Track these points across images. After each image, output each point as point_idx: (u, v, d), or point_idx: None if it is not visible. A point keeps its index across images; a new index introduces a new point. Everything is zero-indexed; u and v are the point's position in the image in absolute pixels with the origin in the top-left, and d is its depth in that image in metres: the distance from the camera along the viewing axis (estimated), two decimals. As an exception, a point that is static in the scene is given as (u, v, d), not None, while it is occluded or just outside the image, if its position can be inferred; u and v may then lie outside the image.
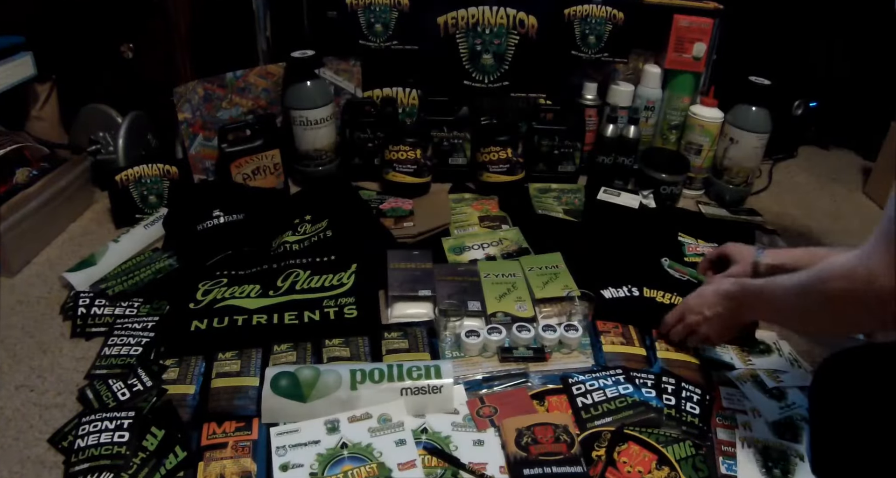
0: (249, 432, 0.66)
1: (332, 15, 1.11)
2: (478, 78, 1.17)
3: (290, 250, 0.94)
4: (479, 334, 0.78)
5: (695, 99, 1.21)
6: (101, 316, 0.82)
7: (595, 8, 1.14)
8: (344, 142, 1.16)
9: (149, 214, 1.02)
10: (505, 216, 1.07)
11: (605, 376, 0.74)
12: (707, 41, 1.16)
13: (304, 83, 1.08)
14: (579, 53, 1.17)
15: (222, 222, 0.98)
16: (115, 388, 0.71)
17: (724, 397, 0.74)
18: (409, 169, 1.10)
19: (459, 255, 0.96)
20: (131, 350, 0.76)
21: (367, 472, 0.61)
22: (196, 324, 0.79)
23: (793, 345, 0.83)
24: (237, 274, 0.89)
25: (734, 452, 0.67)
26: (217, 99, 1.11)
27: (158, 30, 1.08)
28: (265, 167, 1.09)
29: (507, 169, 1.12)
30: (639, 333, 0.82)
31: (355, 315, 0.82)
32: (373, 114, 1.15)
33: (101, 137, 1.10)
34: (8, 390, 0.73)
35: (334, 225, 0.98)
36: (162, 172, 1.05)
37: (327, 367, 0.72)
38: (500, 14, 1.12)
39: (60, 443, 0.66)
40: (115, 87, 1.13)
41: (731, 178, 1.17)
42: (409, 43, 1.14)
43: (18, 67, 1.04)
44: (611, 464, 0.64)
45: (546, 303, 0.86)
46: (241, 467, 0.62)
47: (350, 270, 0.89)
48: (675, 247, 1.01)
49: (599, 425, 0.69)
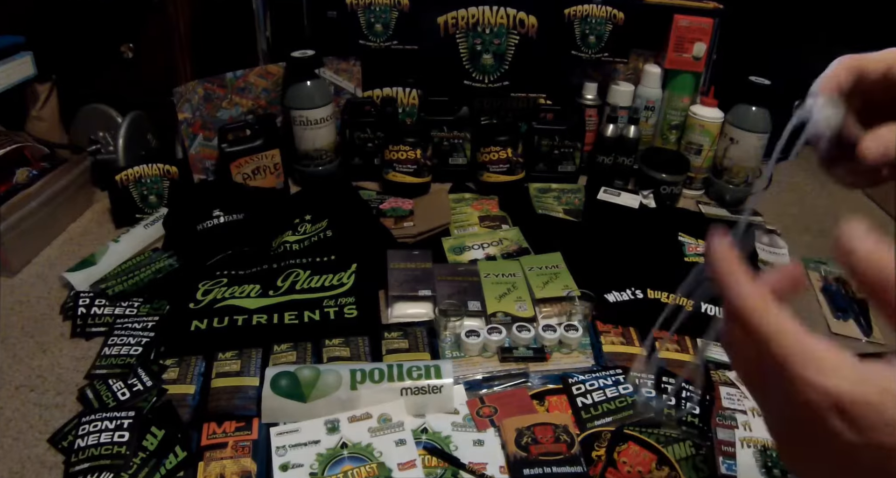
0: (249, 432, 0.66)
1: (332, 15, 1.11)
2: (478, 78, 1.17)
3: (290, 250, 0.94)
4: (479, 334, 0.78)
5: (695, 99, 1.21)
6: (101, 316, 0.82)
7: (595, 8, 1.14)
8: (344, 142, 1.16)
9: (149, 214, 1.02)
10: (505, 216, 1.07)
11: (605, 375, 0.74)
12: (707, 41, 1.16)
13: (304, 83, 1.08)
14: (579, 53, 1.17)
15: (222, 222, 0.98)
16: (115, 388, 0.71)
17: (724, 397, 0.74)
18: (409, 169, 1.10)
19: (459, 255, 0.96)
20: (131, 350, 0.76)
21: (367, 472, 0.61)
22: (196, 324, 0.79)
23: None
24: (237, 274, 0.89)
25: (734, 452, 0.67)
26: (217, 99, 1.11)
27: (158, 30, 1.08)
28: (265, 167, 1.09)
29: (507, 169, 1.12)
30: (639, 333, 0.82)
31: (355, 315, 0.82)
32: (373, 114, 1.15)
33: (101, 136, 1.10)
34: (8, 390, 0.73)
35: (334, 225, 0.98)
36: (162, 172, 1.05)
37: (327, 367, 0.72)
38: (500, 14, 1.12)
39: (60, 443, 0.66)
40: (115, 87, 1.13)
41: (731, 178, 1.17)
42: (409, 43, 1.14)
43: (18, 67, 1.04)
44: (611, 464, 0.64)
45: (546, 303, 0.86)
46: (241, 467, 0.62)
47: (350, 270, 0.89)
48: (675, 247, 1.01)
49: (599, 425, 0.69)
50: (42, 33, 1.09)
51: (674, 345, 0.80)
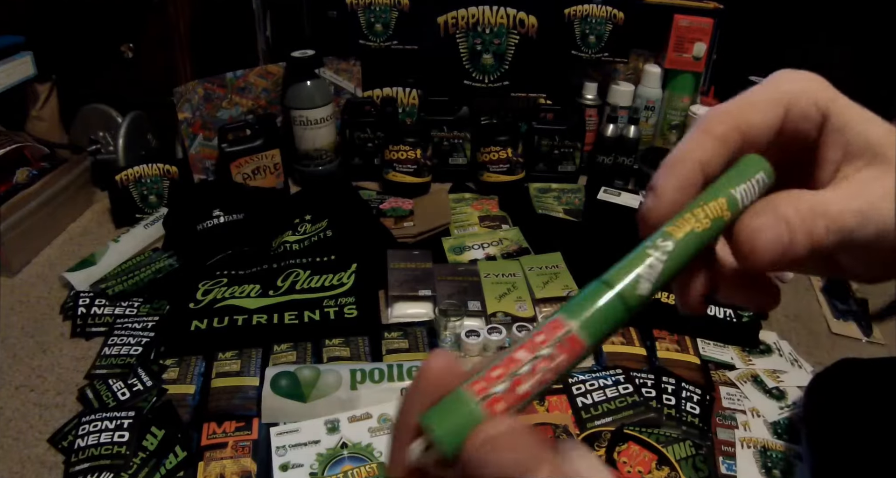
0: (249, 432, 0.66)
1: (332, 15, 1.11)
2: (478, 78, 1.17)
3: (290, 250, 0.94)
4: (479, 334, 0.78)
5: (695, 99, 1.20)
6: (101, 316, 0.82)
7: (595, 8, 1.14)
8: (344, 142, 1.16)
9: (149, 214, 1.02)
10: (505, 216, 1.07)
11: (605, 375, 0.74)
12: (707, 41, 1.16)
13: (304, 83, 1.08)
14: (579, 53, 1.17)
15: (222, 222, 0.98)
16: (115, 388, 0.71)
17: (724, 397, 0.74)
18: (409, 169, 1.10)
19: (459, 255, 0.96)
20: (131, 350, 0.76)
21: (367, 472, 0.61)
22: (196, 324, 0.79)
23: (793, 345, 0.83)
24: (237, 274, 0.89)
25: (734, 452, 0.67)
26: (217, 99, 1.11)
27: (158, 30, 1.08)
28: (265, 167, 1.09)
29: (507, 169, 1.12)
30: (639, 333, 0.82)
31: (355, 315, 0.82)
32: (373, 114, 1.15)
33: (101, 136, 1.10)
34: (8, 390, 0.73)
35: (334, 225, 0.98)
36: (162, 171, 1.05)
37: (327, 367, 0.72)
38: (500, 14, 1.12)
39: (60, 443, 0.66)
40: (115, 87, 1.13)
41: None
42: (409, 43, 1.14)
43: (18, 67, 1.04)
44: (611, 464, 0.64)
45: (546, 303, 0.86)
46: (241, 467, 0.62)
47: (350, 270, 0.89)
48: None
49: (599, 425, 0.69)
50: (42, 33, 1.09)
51: (674, 345, 0.80)
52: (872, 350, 0.84)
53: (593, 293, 0.21)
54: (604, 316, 0.21)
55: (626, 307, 0.21)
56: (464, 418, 0.19)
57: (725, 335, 0.83)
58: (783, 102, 0.24)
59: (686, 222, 0.23)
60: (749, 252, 0.22)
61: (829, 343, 0.85)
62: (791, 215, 0.22)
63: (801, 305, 0.92)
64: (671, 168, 0.24)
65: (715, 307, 0.86)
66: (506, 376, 0.20)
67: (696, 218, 0.23)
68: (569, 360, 0.20)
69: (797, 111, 0.24)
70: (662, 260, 0.22)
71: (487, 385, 0.20)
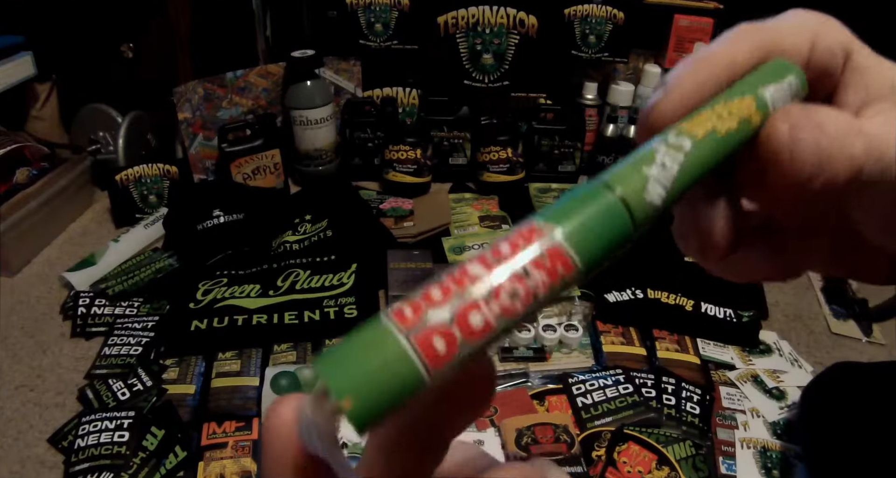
0: (249, 432, 0.66)
1: (332, 15, 1.11)
2: (478, 78, 1.17)
3: (290, 250, 0.94)
4: (479, 334, 0.77)
5: (695, 99, 1.20)
6: (101, 316, 0.82)
7: (595, 8, 1.14)
8: (344, 142, 1.16)
9: (149, 214, 1.02)
10: (505, 216, 1.07)
11: (605, 375, 0.74)
12: (707, 41, 1.16)
13: (304, 83, 1.08)
14: (579, 53, 1.17)
15: (222, 222, 0.98)
16: (115, 388, 0.71)
17: (724, 396, 0.74)
18: (409, 169, 1.10)
19: (459, 255, 0.96)
20: (131, 350, 0.76)
21: (367, 472, 0.61)
22: (196, 324, 0.79)
23: (793, 345, 0.83)
24: (237, 274, 0.89)
25: (734, 452, 0.67)
26: (217, 99, 1.11)
27: (158, 30, 1.08)
28: (265, 167, 1.09)
29: (507, 169, 1.12)
30: (639, 333, 0.82)
31: (355, 315, 0.82)
32: (373, 114, 1.15)
33: (101, 136, 1.10)
34: (8, 390, 0.73)
35: (334, 225, 0.98)
36: (162, 171, 1.05)
37: (327, 367, 0.72)
38: (500, 14, 1.12)
39: (60, 443, 0.66)
40: (115, 87, 1.13)
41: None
42: (409, 43, 1.14)
43: (18, 67, 1.04)
44: (611, 464, 0.64)
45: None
46: (241, 467, 0.62)
47: (350, 270, 0.89)
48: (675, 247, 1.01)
49: (599, 425, 0.69)
50: (42, 33, 1.09)
51: (674, 345, 0.80)
52: (872, 350, 0.84)
53: (587, 196, 0.14)
54: (600, 225, 0.14)
55: (631, 218, 0.15)
56: (380, 362, 0.12)
57: (725, 335, 0.83)
58: (809, 35, 0.21)
59: (706, 119, 0.17)
60: (788, 160, 0.17)
61: (829, 343, 0.85)
62: (828, 124, 0.17)
63: (801, 305, 0.92)
64: (694, 62, 0.19)
65: (715, 307, 0.86)
66: (452, 298, 0.12)
67: (719, 115, 0.17)
68: (549, 283, 0.13)
69: (823, 47, 0.21)
70: (679, 160, 0.16)
71: (421, 309, 0.12)
